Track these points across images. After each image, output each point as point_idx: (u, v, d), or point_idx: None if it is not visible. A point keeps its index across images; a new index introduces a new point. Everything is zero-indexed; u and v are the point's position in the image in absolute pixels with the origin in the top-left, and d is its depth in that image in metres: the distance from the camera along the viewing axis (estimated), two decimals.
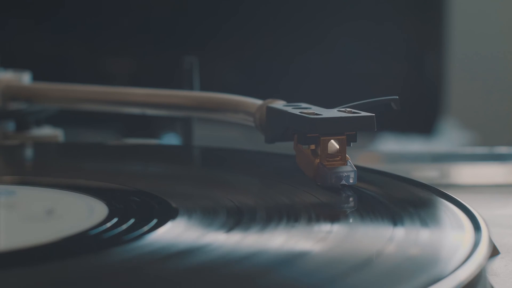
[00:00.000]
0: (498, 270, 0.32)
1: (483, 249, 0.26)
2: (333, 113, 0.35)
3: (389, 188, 0.36)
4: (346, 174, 0.34)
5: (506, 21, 1.04)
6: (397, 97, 0.37)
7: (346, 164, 0.34)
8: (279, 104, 0.39)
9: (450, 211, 0.32)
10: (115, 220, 0.30)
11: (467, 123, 0.98)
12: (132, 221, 0.30)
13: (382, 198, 0.34)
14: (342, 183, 0.34)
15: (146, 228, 0.29)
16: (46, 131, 0.53)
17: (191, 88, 0.50)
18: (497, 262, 0.33)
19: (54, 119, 0.54)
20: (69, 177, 0.39)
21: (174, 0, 0.92)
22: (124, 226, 0.30)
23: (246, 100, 0.42)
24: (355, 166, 0.35)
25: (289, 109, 0.37)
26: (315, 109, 0.36)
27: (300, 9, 0.90)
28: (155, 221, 0.30)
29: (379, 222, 0.30)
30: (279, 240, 0.28)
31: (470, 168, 0.54)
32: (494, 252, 0.33)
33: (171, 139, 0.77)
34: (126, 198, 0.34)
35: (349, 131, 0.35)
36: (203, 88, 0.50)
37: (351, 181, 0.34)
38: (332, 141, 0.34)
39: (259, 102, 0.41)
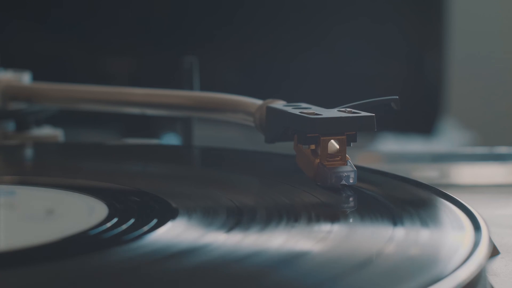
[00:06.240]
0: (498, 270, 0.32)
1: (483, 249, 0.26)
2: (333, 113, 0.35)
3: (389, 188, 0.36)
4: (346, 174, 0.34)
5: (506, 21, 1.04)
6: (397, 97, 0.37)
7: (346, 164, 0.34)
8: (279, 104, 0.39)
9: (450, 211, 0.32)
10: (115, 220, 0.30)
11: (467, 123, 0.98)
12: (132, 221, 0.30)
13: (382, 198, 0.34)
14: (342, 183, 0.34)
15: (146, 228, 0.29)
16: (46, 131, 0.53)
17: (191, 88, 0.50)
18: (497, 262, 0.33)
19: (54, 119, 0.54)
20: (69, 177, 0.39)
21: (174, 0, 0.92)
22: (124, 226, 0.30)
23: (246, 100, 0.42)
24: (355, 166, 0.35)
25: (289, 109, 0.37)
26: (315, 109, 0.36)
27: (300, 9, 0.90)
28: (155, 221, 0.30)
29: (379, 222, 0.30)
30: (279, 240, 0.28)
31: (470, 168, 0.54)
32: (494, 252, 0.33)
33: (171, 139, 0.77)
34: (126, 198, 0.34)
35: (349, 131, 0.35)
36: (203, 88, 0.50)
37: (351, 181, 0.34)
38: (332, 141, 0.34)
39: (259, 102, 0.41)
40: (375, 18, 0.90)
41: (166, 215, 0.31)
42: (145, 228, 0.29)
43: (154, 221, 0.30)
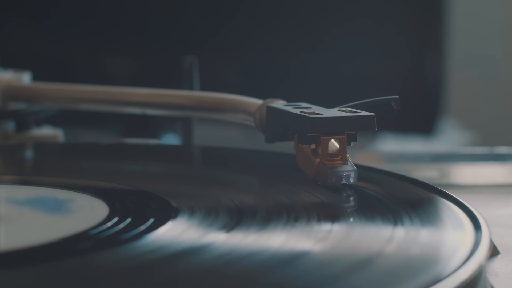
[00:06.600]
0: (498, 270, 0.32)
1: (483, 249, 0.26)
2: (334, 112, 0.35)
3: (389, 187, 0.36)
4: (346, 173, 0.34)
5: (506, 21, 1.04)
6: (397, 96, 0.37)
7: (347, 164, 0.34)
8: (279, 103, 0.39)
9: (450, 210, 0.32)
10: (115, 219, 0.30)
11: (467, 123, 0.98)
12: (132, 220, 0.30)
13: (382, 197, 0.34)
14: (342, 182, 0.34)
15: (146, 228, 0.29)
16: (46, 131, 0.53)
17: (191, 88, 0.50)
18: (497, 262, 0.33)
19: (54, 119, 0.54)
20: (70, 177, 0.39)
21: (174, 0, 0.92)
22: (125, 226, 0.30)
23: (246, 100, 0.42)
24: (355, 165, 0.35)
25: (290, 108, 0.37)
26: (315, 108, 0.36)
27: (299, 9, 0.90)
28: (155, 220, 0.30)
29: (380, 221, 0.30)
30: (279, 239, 0.28)
31: (470, 168, 0.54)
32: (494, 252, 0.33)
33: (171, 139, 0.77)
34: (127, 197, 0.34)
35: (349, 131, 0.35)
36: (203, 88, 0.50)
37: (351, 180, 0.34)
38: (333, 140, 0.34)
39: (259, 101, 0.41)
40: (375, 17, 0.90)
41: (166, 215, 0.31)
42: (146, 227, 0.29)
43: (155, 220, 0.30)
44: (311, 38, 0.90)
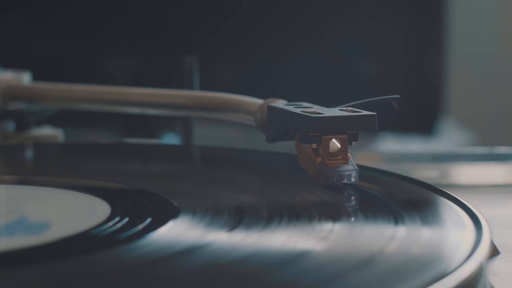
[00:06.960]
0: (498, 270, 0.32)
1: (484, 247, 0.26)
2: (335, 112, 0.35)
3: (390, 187, 0.36)
4: (347, 173, 0.34)
5: (506, 21, 1.04)
6: (398, 96, 0.37)
7: (348, 163, 0.34)
8: (280, 103, 0.39)
9: (451, 209, 0.32)
10: (116, 219, 0.30)
11: (467, 123, 0.98)
12: (134, 220, 0.30)
13: (383, 197, 0.34)
14: (343, 182, 0.34)
15: (148, 227, 0.29)
16: (46, 131, 0.53)
17: (191, 88, 0.50)
18: (497, 262, 0.33)
19: (54, 119, 0.54)
20: (70, 176, 0.39)
21: (174, 0, 0.92)
22: (126, 226, 0.30)
23: (247, 100, 0.42)
24: (356, 165, 0.35)
25: (291, 108, 0.37)
26: (316, 108, 0.36)
27: (300, 9, 0.90)
28: (156, 220, 0.30)
29: (381, 220, 0.30)
30: (281, 239, 0.28)
31: (470, 168, 0.54)
32: (494, 252, 0.33)
33: (171, 139, 0.77)
34: (128, 197, 0.34)
35: (350, 130, 0.35)
36: (203, 88, 0.50)
37: (352, 179, 0.34)
38: (334, 140, 0.34)
39: (260, 101, 0.41)
40: (375, 17, 0.90)
41: (167, 214, 0.31)
42: (147, 227, 0.29)
43: (156, 220, 0.30)
44: (311, 38, 0.90)
